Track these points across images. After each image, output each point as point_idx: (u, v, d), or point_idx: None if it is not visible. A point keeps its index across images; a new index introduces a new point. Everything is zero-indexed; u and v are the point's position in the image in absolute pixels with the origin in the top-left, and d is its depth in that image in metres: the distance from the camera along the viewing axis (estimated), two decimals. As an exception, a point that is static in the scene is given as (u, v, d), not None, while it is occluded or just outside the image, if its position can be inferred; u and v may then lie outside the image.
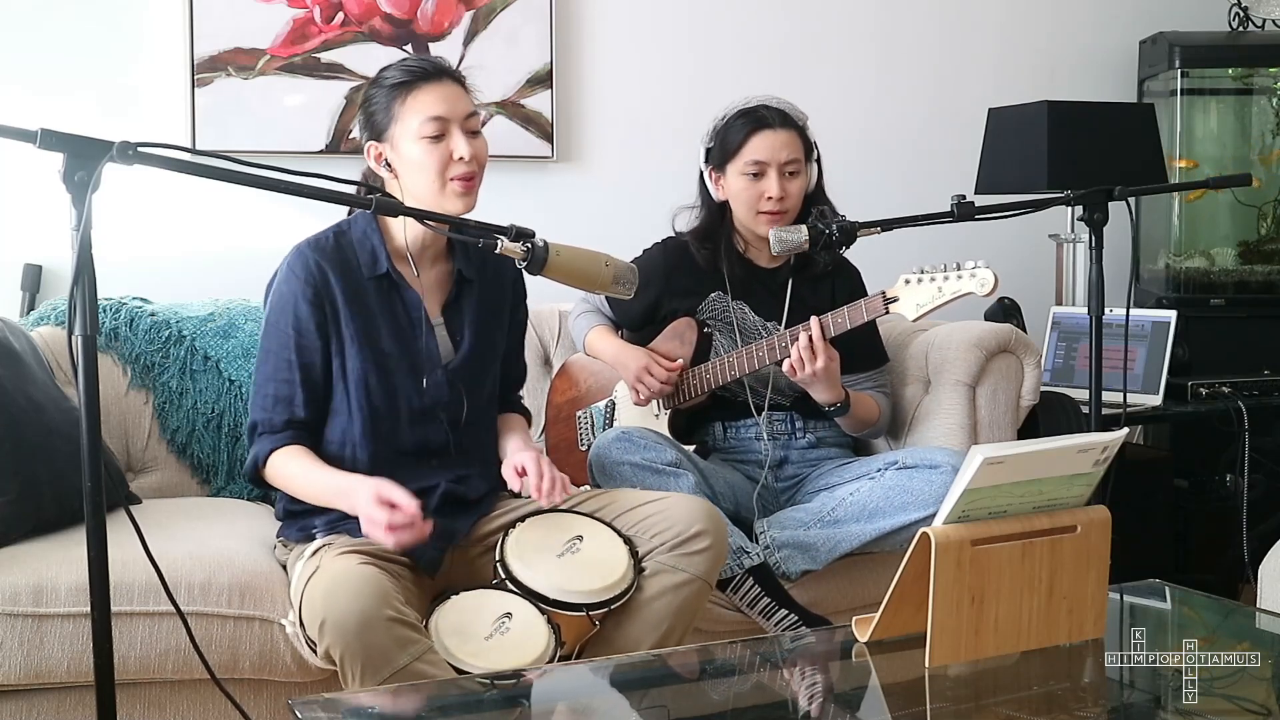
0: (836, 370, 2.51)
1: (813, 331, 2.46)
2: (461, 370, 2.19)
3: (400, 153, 2.08)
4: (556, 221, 2.63)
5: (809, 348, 2.45)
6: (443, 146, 2.06)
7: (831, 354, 2.48)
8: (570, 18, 3.42)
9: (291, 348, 2.09)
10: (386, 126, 2.09)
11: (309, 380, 2.10)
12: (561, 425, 2.89)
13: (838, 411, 2.58)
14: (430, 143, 2.06)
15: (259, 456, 2.09)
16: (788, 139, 2.60)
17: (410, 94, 2.07)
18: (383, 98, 2.10)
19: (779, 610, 2.38)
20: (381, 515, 1.90)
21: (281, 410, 2.09)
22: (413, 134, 2.06)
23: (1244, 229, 3.86)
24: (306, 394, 2.10)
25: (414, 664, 1.81)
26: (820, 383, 2.49)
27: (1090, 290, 2.37)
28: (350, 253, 2.12)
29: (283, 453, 2.08)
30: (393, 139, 2.09)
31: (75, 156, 1.48)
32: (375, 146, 2.11)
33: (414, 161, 2.07)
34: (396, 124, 2.08)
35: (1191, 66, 3.73)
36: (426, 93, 2.07)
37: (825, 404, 2.57)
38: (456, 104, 2.09)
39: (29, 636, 2.01)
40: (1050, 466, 1.54)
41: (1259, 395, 3.23)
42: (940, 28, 3.79)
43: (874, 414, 2.66)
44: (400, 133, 2.08)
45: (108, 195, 1.50)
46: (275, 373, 2.10)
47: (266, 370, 2.11)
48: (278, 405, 2.09)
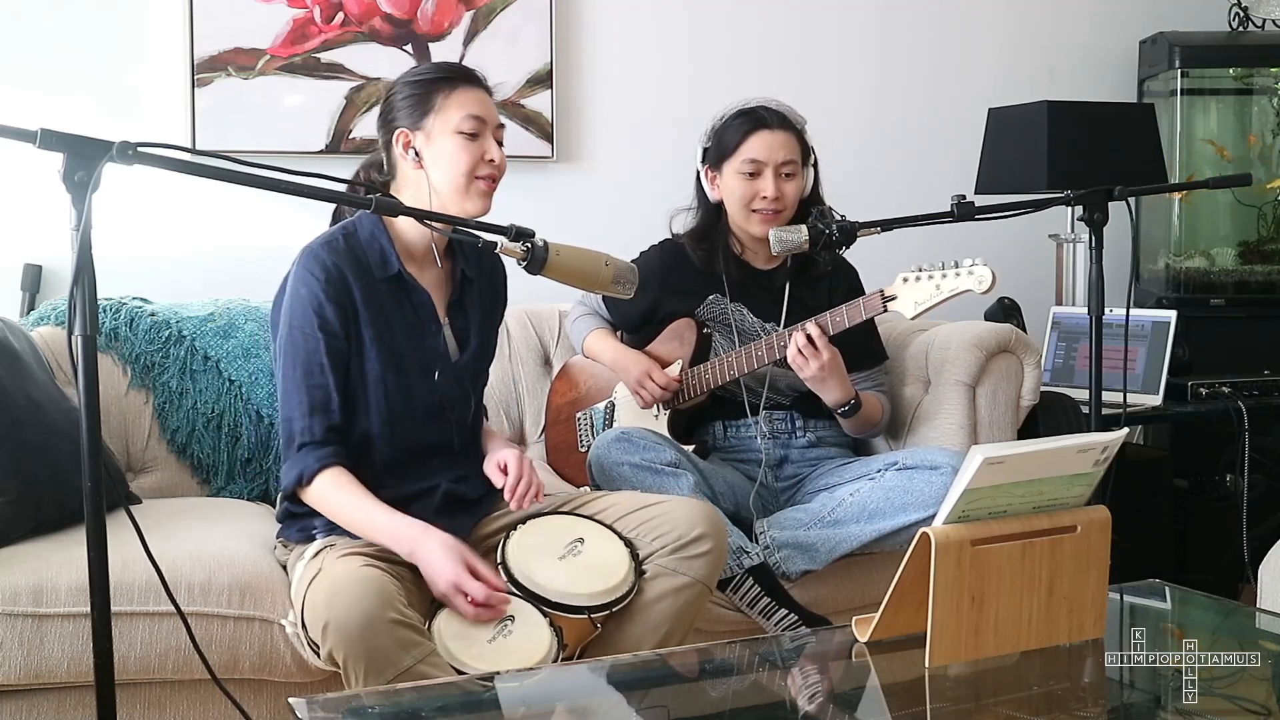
0: (842, 366, 2.51)
1: (811, 330, 2.46)
2: (468, 368, 2.20)
3: (434, 143, 2.09)
4: (556, 221, 2.63)
5: (809, 345, 2.45)
6: (477, 145, 2.09)
7: (834, 350, 2.48)
8: (570, 18, 3.42)
9: (323, 351, 2.04)
10: (424, 115, 2.09)
11: (342, 383, 2.06)
12: (561, 427, 2.89)
13: (849, 411, 2.58)
14: (467, 139, 2.08)
15: (304, 474, 2.02)
16: (785, 140, 2.60)
17: (455, 89, 2.10)
18: (421, 88, 2.11)
19: (779, 610, 2.38)
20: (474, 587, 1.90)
21: (320, 418, 2.04)
22: (452, 127, 2.08)
23: (1244, 229, 3.86)
24: (341, 397, 2.05)
25: (417, 666, 1.81)
26: (830, 380, 2.49)
27: (1090, 290, 2.37)
28: (361, 253, 2.11)
29: (329, 475, 2.02)
30: (429, 129, 2.09)
31: (75, 156, 1.48)
32: (406, 134, 2.11)
33: (447, 154, 2.08)
34: (436, 115, 2.09)
35: (1191, 66, 3.73)
36: (469, 93, 2.11)
37: (836, 404, 2.56)
38: (491, 110, 2.14)
39: (29, 636, 2.01)
40: (1050, 466, 1.54)
41: (1259, 395, 3.23)
42: (940, 28, 3.79)
43: (878, 414, 2.66)
44: (439, 124, 2.08)
45: (108, 195, 1.50)
46: (307, 378, 2.04)
47: (297, 376, 2.05)
48: (315, 413, 2.04)
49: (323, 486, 2.02)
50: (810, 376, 2.49)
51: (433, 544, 1.95)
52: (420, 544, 1.96)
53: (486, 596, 1.91)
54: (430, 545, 1.95)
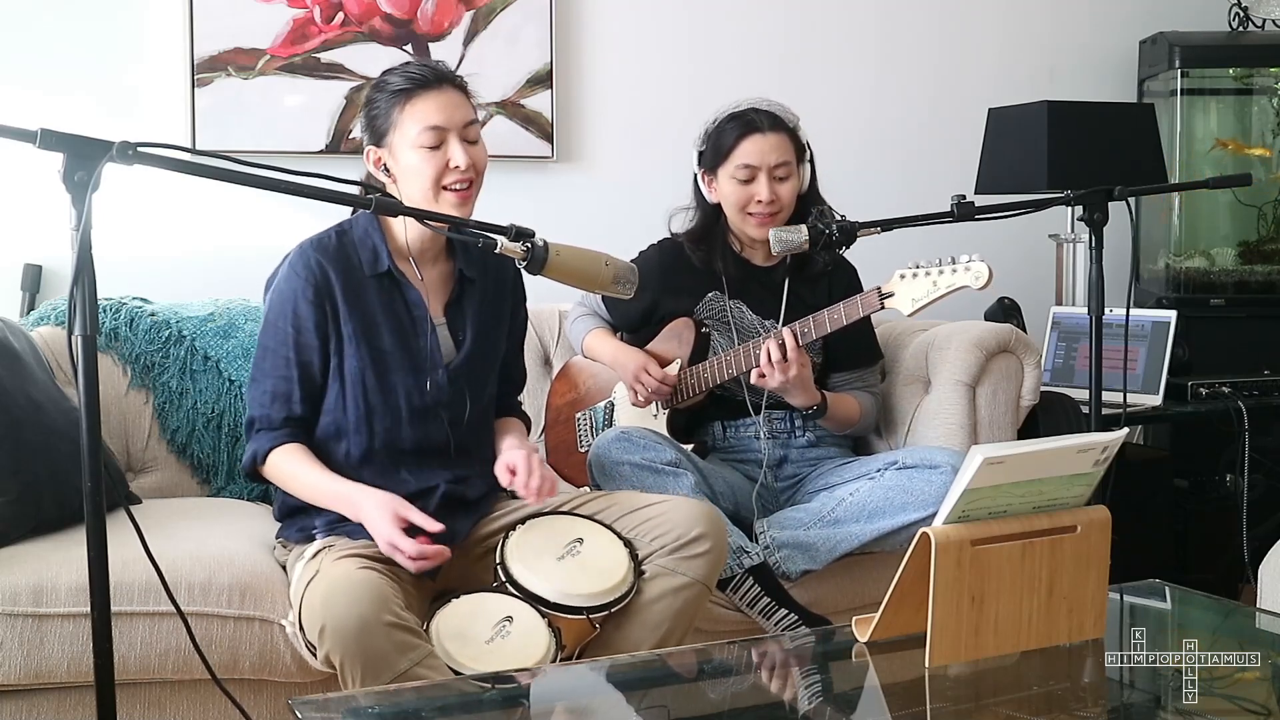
0: (809, 376, 2.52)
1: (787, 341, 2.46)
2: (463, 369, 2.19)
3: (398, 160, 2.09)
4: (556, 221, 2.62)
5: (781, 359, 2.45)
6: (439, 155, 2.07)
7: (804, 361, 2.48)
8: (570, 18, 3.42)
9: (290, 345, 2.10)
10: (386, 133, 2.10)
11: (307, 378, 2.11)
12: (561, 427, 2.89)
13: (814, 415, 2.59)
14: (427, 152, 2.07)
15: (258, 453, 2.10)
16: (777, 142, 2.60)
17: (410, 102, 2.08)
18: (384, 104, 2.10)
19: (779, 610, 2.38)
20: (407, 544, 1.93)
21: (279, 407, 2.10)
22: (410, 142, 2.07)
23: (1244, 229, 3.86)
24: (304, 391, 2.11)
25: (414, 669, 1.81)
26: (794, 388, 2.50)
27: (1090, 290, 2.37)
28: (352, 251, 2.13)
29: (281, 450, 2.09)
30: (391, 145, 2.10)
31: (75, 156, 1.48)
32: (374, 151, 2.13)
33: (410, 169, 2.08)
34: (395, 131, 2.09)
35: (1191, 66, 3.73)
36: (426, 101, 2.08)
37: (801, 408, 2.58)
38: (455, 113, 2.10)
39: (29, 636, 2.01)
40: (1050, 466, 1.54)
41: (1259, 395, 3.23)
42: (940, 28, 3.79)
43: (854, 415, 2.67)
44: (398, 140, 2.08)
45: (107, 195, 1.50)
46: (273, 369, 2.11)
47: (265, 367, 2.12)
48: (275, 401, 2.10)
49: (277, 460, 2.09)
50: (775, 388, 2.50)
51: (368, 506, 1.99)
52: (359, 508, 2.00)
53: (418, 553, 1.93)
54: (366, 508, 1.99)
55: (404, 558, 1.94)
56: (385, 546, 1.96)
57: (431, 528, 1.96)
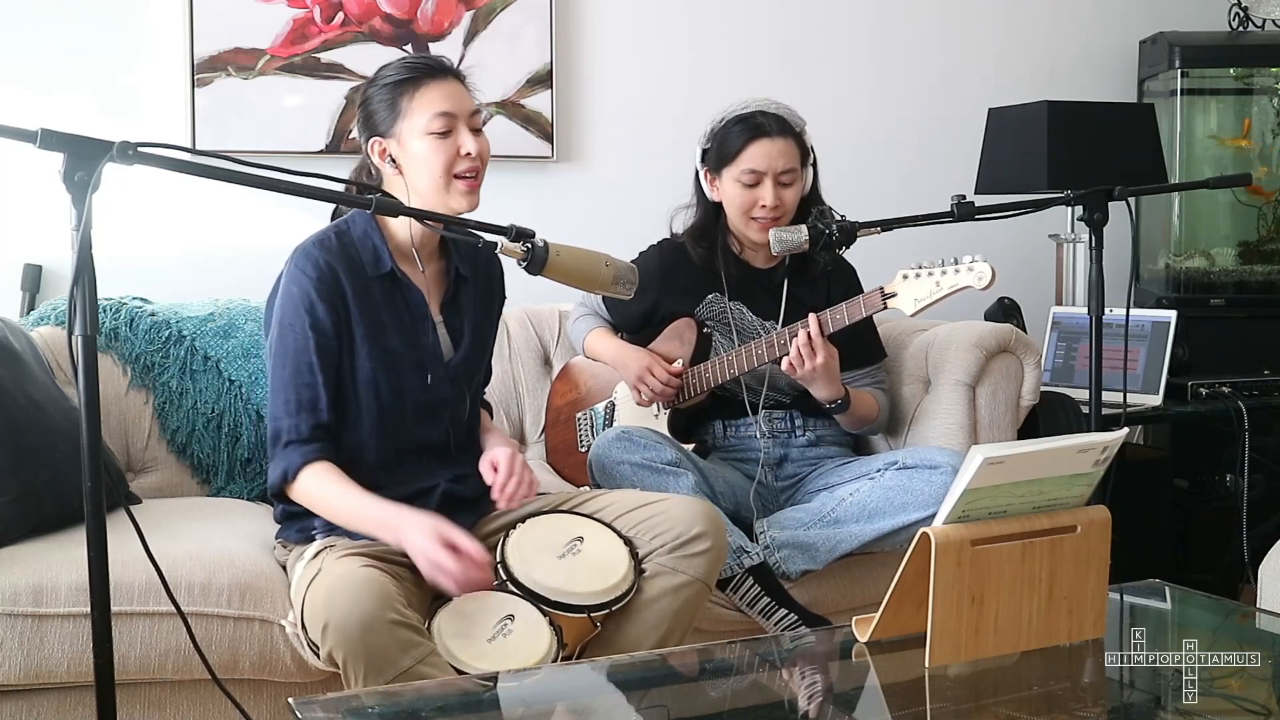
0: (836, 367, 2.52)
1: (811, 329, 2.46)
2: (463, 367, 2.19)
3: (407, 148, 2.08)
4: (556, 221, 2.63)
5: (808, 345, 2.45)
6: (450, 142, 2.06)
7: (830, 350, 2.48)
8: (570, 18, 3.42)
9: (312, 350, 2.04)
10: (394, 122, 2.08)
11: (330, 382, 2.06)
12: (561, 427, 2.89)
13: (838, 409, 2.58)
14: (438, 138, 2.06)
15: (289, 470, 2.02)
16: (784, 147, 2.59)
17: (418, 90, 2.07)
18: (388, 94, 2.09)
19: (779, 610, 2.38)
20: (451, 565, 1.89)
21: (306, 416, 2.03)
22: (420, 129, 2.06)
23: (1244, 229, 3.86)
24: (329, 396, 2.05)
25: (416, 667, 1.81)
26: (820, 379, 2.50)
27: (1090, 290, 2.37)
28: (354, 251, 2.11)
29: (314, 470, 2.02)
30: (399, 134, 2.08)
31: (75, 156, 1.48)
32: (380, 142, 2.10)
33: (420, 157, 2.06)
34: (404, 119, 2.07)
35: (1191, 66, 3.73)
36: (433, 89, 2.07)
37: (825, 400, 2.57)
38: (462, 101, 2.09)
39: (29, 636, 2.01)
40: (1050, 466, 1.54)
41: (1259, 395, 3.23)
42: (940, 28, 3.79)
43: (873, 411, 2.66)
44: (408, 128, 2.07)
45: (108, 195, 1.50)
46: (296, 376, 2.04)
47: (285, 374, 2.05)
48: (301, 411, 2.03)
49: (308, 481, 2.02)
50: (802, 374, 2.49)
51: (411, 529, 1.94)
52: (401, 532, 1.95)
53: (464, 578, 1.90)
54: (409, 531, 1.94)
55: (447, 579, 1.91)
56: (427, 567, 1.92)
57: (478, 556, 1.93)
